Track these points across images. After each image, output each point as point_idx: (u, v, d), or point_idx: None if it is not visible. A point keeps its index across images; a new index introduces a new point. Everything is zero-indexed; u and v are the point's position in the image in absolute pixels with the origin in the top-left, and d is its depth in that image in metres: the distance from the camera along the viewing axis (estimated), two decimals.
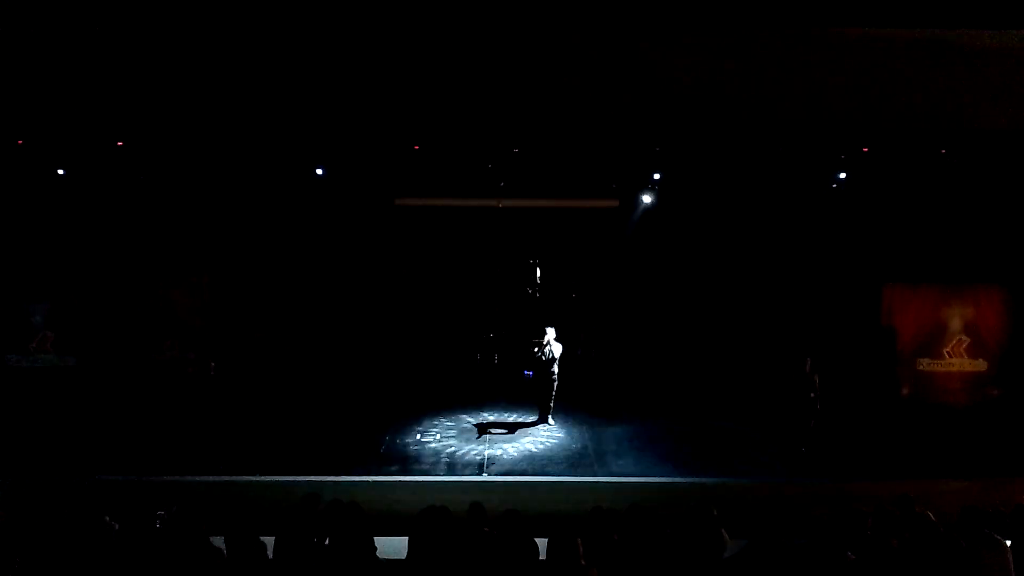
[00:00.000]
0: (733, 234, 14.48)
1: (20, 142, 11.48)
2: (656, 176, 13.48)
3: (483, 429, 11.66)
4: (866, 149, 12.01)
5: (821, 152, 12.18)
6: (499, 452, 10.71)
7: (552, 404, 11.95)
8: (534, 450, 10.82)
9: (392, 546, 6.53)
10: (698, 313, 14.78)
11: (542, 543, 6.12)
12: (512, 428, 11.73)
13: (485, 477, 9.88)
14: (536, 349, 11.88)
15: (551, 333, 11.84)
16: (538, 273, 16.28)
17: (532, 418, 12.09)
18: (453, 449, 10.81)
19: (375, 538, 6.37)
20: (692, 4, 7.40)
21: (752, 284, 14.61)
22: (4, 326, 13.11)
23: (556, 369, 11.78)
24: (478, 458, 10.46)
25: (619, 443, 11.11)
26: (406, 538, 6.41)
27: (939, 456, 10.55)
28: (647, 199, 14.09)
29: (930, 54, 8.11)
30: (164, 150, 12.33)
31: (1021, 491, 8.80)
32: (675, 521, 6.51)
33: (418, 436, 11.31)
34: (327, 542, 6.42)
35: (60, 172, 12.81)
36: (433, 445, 10.97)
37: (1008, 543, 6.07)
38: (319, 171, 13.29)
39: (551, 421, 11.90)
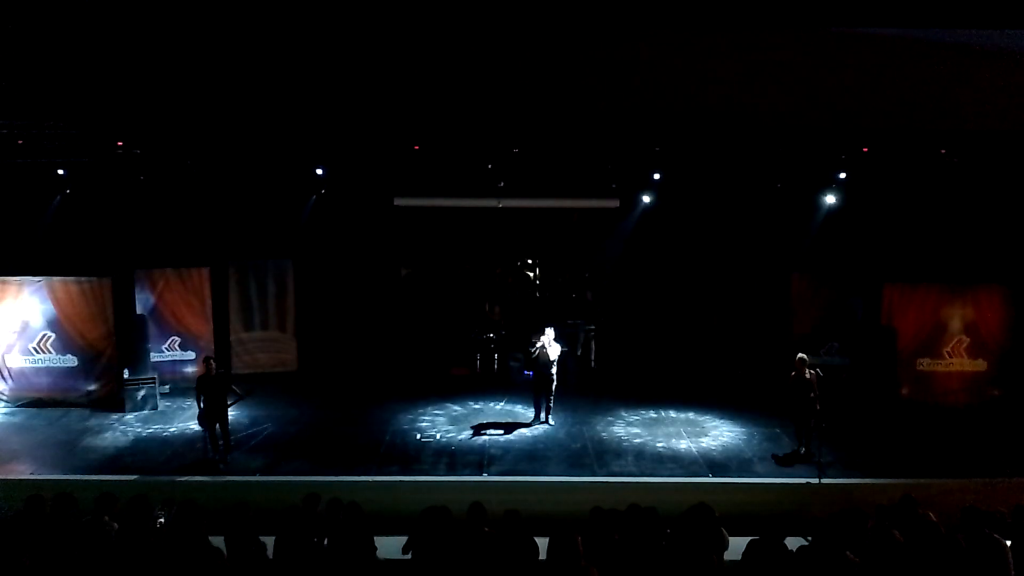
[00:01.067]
0: (732, 234, 14.49)
1: (20, 142, 11.50)
2: (656, 176, 13.48)
3: (482, 429, 11.65)
4: (866, 149, 12.01)
5: (821, 152, 12.18)
6: (499, 452, 10.71)
7: (552, 404, 11.94)
8: (534, 450, 10.81)
9: (392, 546, 6.53)
10: (697, 311, 14.80)
11: (542, 543, 6.13)
12: (511, 428, 11.72)
13: (485, 477, 9.88)
14: (535, 349, 11.86)
15: (550, 333, 11.82)
16: (538, 273, 16.31)
17: (532, 418, 12.07)
18: (453, 449, 10.80)
19: (375, 538, 6.39)
20: (692, 4, 7.39)
21: (751, 284, 14.63)
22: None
23: (555, 369, 11.76)
24: (478, 458, 10.47)
25: (619, 443, 11.12)
26: (406, 538, 6.41)
27: (939, 456, 10.55)
28: (647, 199, 14.11)
29: (930, 54, 8.10)
30: (164, 151, 12.35)
31: (1021, 491, 8.79)
32: (675, 521, 6.52)
33: (418, 436, 11.31)
34: (327, 542, 6.43)
35: (60, 172, 12.85)
36: (433, 445, 10.96)
37: (1008, 543, 6.07)
38: (319, 171, 13.31)
39: (551, 421, 11.88)
